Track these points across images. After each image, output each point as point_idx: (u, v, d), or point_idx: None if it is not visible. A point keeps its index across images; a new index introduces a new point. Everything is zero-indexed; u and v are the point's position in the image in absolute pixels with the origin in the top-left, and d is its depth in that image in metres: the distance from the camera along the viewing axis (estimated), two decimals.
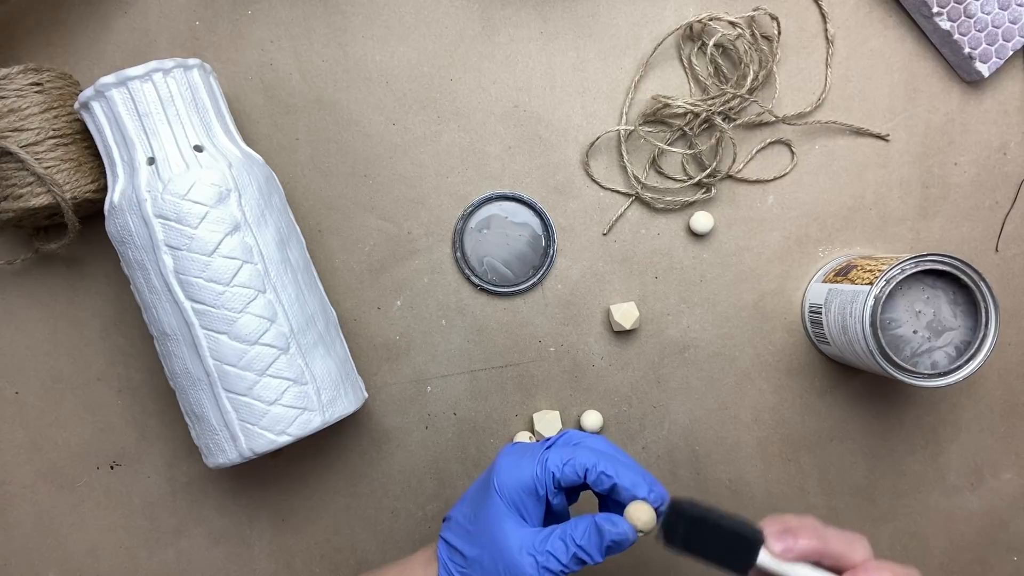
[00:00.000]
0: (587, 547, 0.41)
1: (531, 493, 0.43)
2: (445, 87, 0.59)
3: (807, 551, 0.39)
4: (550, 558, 0.41)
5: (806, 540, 0.39)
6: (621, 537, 0.41)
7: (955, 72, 0.60)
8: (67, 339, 0.59)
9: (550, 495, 0.43)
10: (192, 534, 0.60)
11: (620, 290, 0.60)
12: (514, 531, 0.42)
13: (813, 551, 0.39)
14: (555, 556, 0.41)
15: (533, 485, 0.43)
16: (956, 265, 0.51)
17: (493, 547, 0.42)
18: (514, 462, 0.44)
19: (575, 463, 0.42)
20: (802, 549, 0.39)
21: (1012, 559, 0.62)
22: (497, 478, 0.43)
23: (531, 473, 0.43)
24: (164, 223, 0.48)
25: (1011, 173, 0.60)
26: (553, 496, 0.43)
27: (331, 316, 0.55)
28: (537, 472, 0.43)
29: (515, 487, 0.43)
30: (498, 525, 0.42)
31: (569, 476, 0.42)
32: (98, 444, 0.59)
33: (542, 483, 0.43)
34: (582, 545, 0.41)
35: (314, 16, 0.59)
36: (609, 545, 0.41)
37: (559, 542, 0.41)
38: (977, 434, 0.61)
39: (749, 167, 0.60)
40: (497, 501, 0.43)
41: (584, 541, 0.41)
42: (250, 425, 0.50)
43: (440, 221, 0.60)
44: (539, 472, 0.43)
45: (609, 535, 0.40)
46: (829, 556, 0.39)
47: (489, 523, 0.43)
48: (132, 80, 0.49)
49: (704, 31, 0.59)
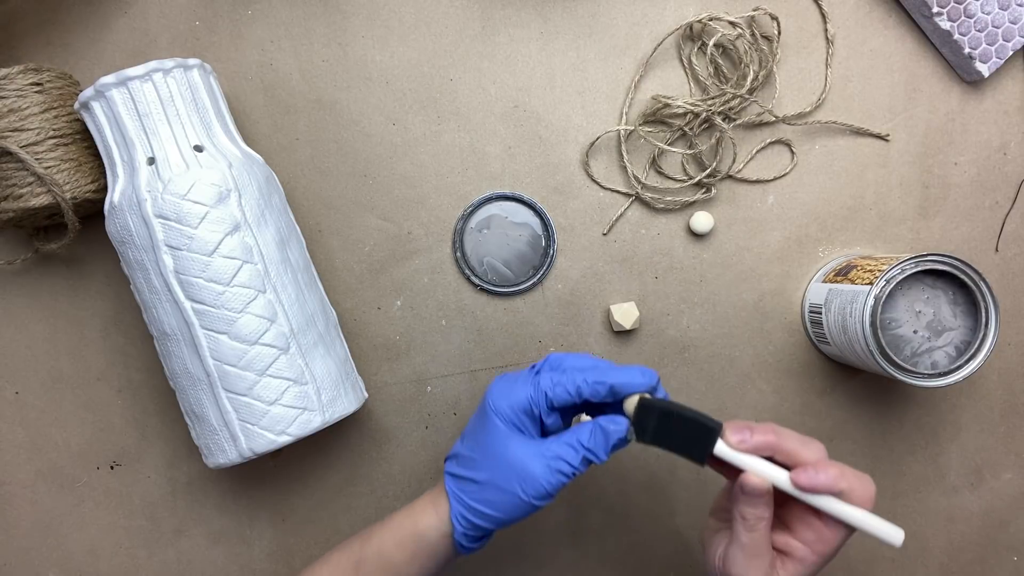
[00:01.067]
0: (594, 448, 0.44)
1: (527, 413, 0.45)
2: (445, 87, 0.59)
3: (761, 445, 0.42)
4: (560, 462, 0.43)
5: (761, 435, 0.42)
6: (623, 434, 0.44)
7: (955, 72, 0.60)
8: (67, 339, 0.59)
9: (544, 415, 0.45)
10: (192, 534, 0.60)
11: (620, 290, 0.60)
12: (520, 445, 0.44)
13: (767, 446, 0.42)
14: (565, 460, 0.43)
15: (528, 405, 0.45)
16: (956, 265, 0.51)
17: (503, 464, 0.44)
18: (507, 387, 0.46)
19: (565, 383, 0.45)
20: (756, 442, 0.42)
21: (1012, 559, 0.62)
22: (493, 402, 0.46)
23: (525, 395, 0.45)
24: (164, 223, 0.48)
25: (1011, 173, 0.60)
26: (547, 416, 0.45)
27: (331, 316, 0.55)
28: (531, 394, 0.45)
29: (511, 408, 0.45)
30: (503, 444, 0.45)
31: (561, 395, 0.44)
32: (98, 444, 0.59)
33: (536, 403, 0.45)
34: (590, 447, 0.44)
35: (314, 16, 0.59)
36: (616, 444, 0.44)
37: (567, 447, 0.44)
38: (977, 434, 0.61)
39: (749, 167, 0.60)
40: (497, 423, 0.45)
41: (591, 443, 0.44)
42: (250, 425, 0.50)
43: (440, 221, 0.60)
44: (532, 393, 0.45)
45: (615, 434, 0.44)
46: (783, 453, 0.42)
47: (494, 445, 0.45)
48: (132, 80, 0.49)
49: (704, 31, 0.59)
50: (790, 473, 0.41)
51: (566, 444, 0.44)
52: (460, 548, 0.47)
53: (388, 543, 0.47)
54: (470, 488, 0.46)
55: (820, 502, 0.41)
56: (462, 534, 0.46)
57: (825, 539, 0.42)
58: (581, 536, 0.61)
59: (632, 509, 0.61)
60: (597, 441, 0.44)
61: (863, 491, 0.41)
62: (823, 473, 0.40)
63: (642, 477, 0.61)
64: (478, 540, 0.47)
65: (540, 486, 0.43)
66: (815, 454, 0.42)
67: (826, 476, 0.40)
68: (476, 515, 0.45)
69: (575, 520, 0.61)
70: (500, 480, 0.44)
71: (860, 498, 0.41)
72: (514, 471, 0.44)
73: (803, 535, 0.42)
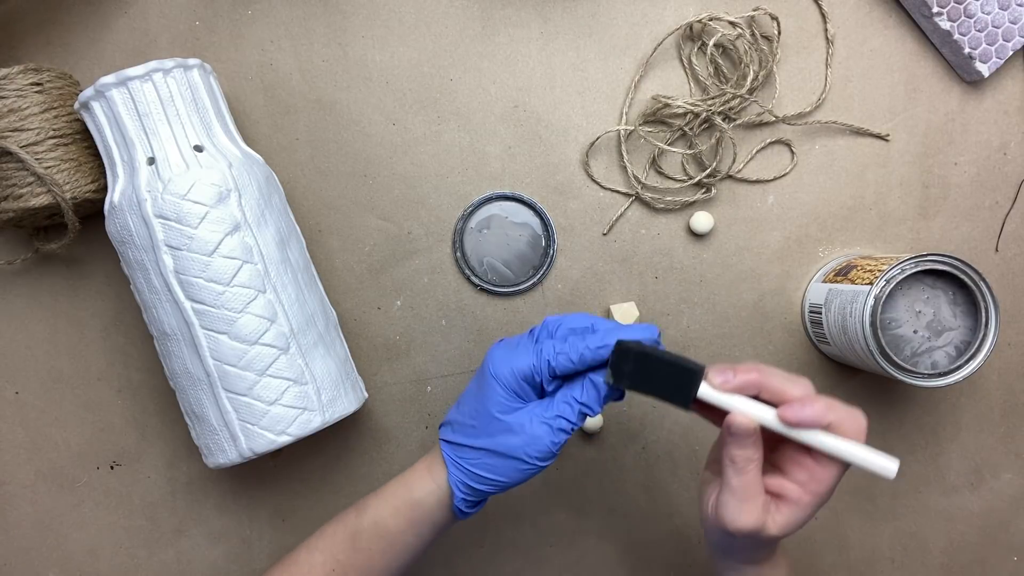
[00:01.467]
0: (588, 401, 0.44)
1: (528, 381, 0.45)
2: (445, 87, 0.59)
3: (746, 383, 0.41)
4: (560, 420, 0.44)
5: (745, 374, 0.41)
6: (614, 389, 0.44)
7: (955, 72, 0.60)
8: (67, 339, 0.59)
9: (546, 383, 0.45)
10: (192, 534, 0.60)
11: (620, 290, 0.60)
12: (522, 411, 0.45)
13: (752, 383, 0.41)
14: (564, 417, 0.44)
15: (531, 374, 0.45)
16: (956, 265, 0.51)
17: (505, 430, 0.45)
18: (507, 354, 0.46)
19: (569, 352, 0.44)
20: (740, 381, 0.41)
21: (1012, 559, 0.62)
22: (494, 369, 0.46)
23: (527, 364, 0.45)
24: (164, 223, 0.48)
25: (1011, 173, 0.60)
26: (548, 384, 0.45)
27: (331, 316, 0.55)
28: (533, 362, 0.45)
29: (513, 375, 0.45)
30: (504, 410, 0.45)
31: (564, 364, 0.44)
32: (98, 444, 0.59)
33: (539, 372, 0.45)
34: (584, 401, 0.44)
35: (314, 16, 0.59)
36: (606, 395, 0.44)
37: (564, 404, 0.44)
38: (977, 434, 0.61)
39: (749, 167, 0.60)
40: (498, 389, 0.45)
41: (585, 397, 0.44)
42: (250, 425, 0.50)
43: (440, 221, 0.60)
44: (535, 362, 0.45)
45: (604, 386, 0.44)
46: (768, 390, 0.41)
47: (495, 411, 0.45)
48: (132, 80, 0.49)
49: (704, 31, 0.59)
50: (777, 410, 0.40)
51: (563, 402, 0.44)
52: (459, 513, 0.47)
53: (384, 512, 0.48)
54: (469, 455, 0.46)
55: (809, 438, 0.40)
56: (461, 500, 0.46)
57: (818, 478, 0.41)
58: (581, 536, 0.61)
59: (632, 509, 0.61)
60: (589, 395, 0.44)
61: (853, 424, 0.40)
62: (810, 407, 0.39)
63: (642, 477, 0.61)
64: (476, 505, 0.47)
65: (545, 447, 0.44)
66: (802, 389, 0.41)
67: (813, 409, 0.39)
68: (477, 480, 0.45)
69: (575, 520, 0.61)
70: (502, 446, 0.44)
71: (850, 431, 0.40)
72: (517, 436, 0.44)
73: (795, 476, 0.41)
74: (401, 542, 0.48)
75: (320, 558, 0.48)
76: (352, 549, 0.48)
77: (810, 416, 0.39)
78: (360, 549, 0.48)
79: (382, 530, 0.48)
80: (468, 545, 0.61)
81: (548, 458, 0.44)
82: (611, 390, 0.44)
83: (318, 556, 0.48)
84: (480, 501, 0.47)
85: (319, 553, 0.49)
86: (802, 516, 0.41)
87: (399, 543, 0.47)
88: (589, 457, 0.61)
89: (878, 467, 0.39)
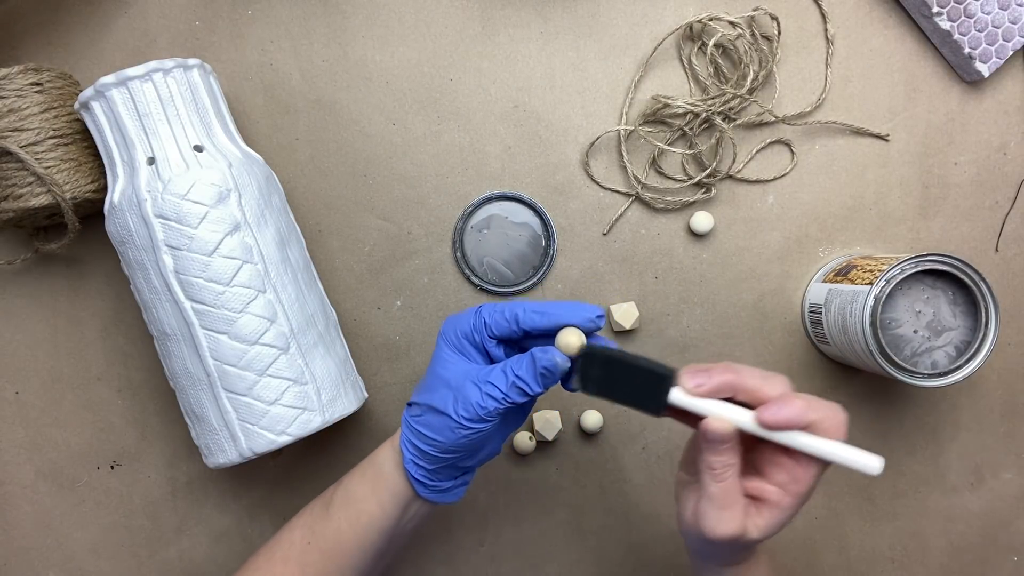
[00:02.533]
0: (523, 375, 0.42)
1: (469, 340, 0.46)
2: (445, 87, 0.59)
3: (720, 386, 0.39)
4: (491, 387, 0.43)
5: (719, 375, 0.39)
6: (550, 363, 0.42)
7: (955, 72, 0.60)
8: (67, 339, 0.59)
9: (487, 344, 0.46)
10: (193, 533, 0.60)
11: (620, 290, 0.60)
12: (458, 366, 0.45)
13: (727, 386, 0.39)
14: (495, 385, 0.43)
15: (471, 331, 0.46)
16: (956, 265, 0.51)
17: (442, 384, 0.45)
18: (456, 317, 0.47)
19: (505, 310, 0.45)
20: (714, 384, 0.39)
21: (1012, 559, 0.62)
22: (442, 330, 0.47)
23: (468, 322, 0.46)
24: (164, 223, 0.48)
25: (1011, 173, 0.60)
26: (489, 344, 0.46)
27: (331, 316, 0.55)
28: (472, 321, 0.46)
29: (456, 334, 0.46)
30: (444, 365, 0.46)
31: (499, 323, 0.45)
32: (98, 444, 0.59)
33: (478, 330, 0.45)
34: (520, 375, 0.42)
35: (314, 16, 0.59)
36: (542, 372, 0.42)
37: (500, 373, 0.43)
38: (977, 434, 0.61)
39: (749, 167, 0.60)
40: (442, 346, 0.46)
41: (521, 371, 0.43)
42: (250, 425, 0.50)
43: (440, 221, 0.60)
44: (474, 320, 0.46)
45: (540, 361, 0.42)
46: (744, 391, 0.39)
47: (437, 367, 0.46)
48: (132, 80, 0.49)
49: (704, 31, 0.59)
50: (754, 412, 0.38)
51: (499, 369, 0.43)
52: (415, 484, 0.46)
53: (354, 478, 0.49)
54: (415, 411, 0.46)
55: (789, 439, 0.38)
56: (410, 462, 0.46)
57: (799, 478, 0.39)
58: (581, 536, 0.61)
59: (632, 509, 0.61)
60: (527, 370, 0.42)
61: (833, 421, 0.38)
62: (787, 407, 0.38)
63: (642, 477, 0.61)
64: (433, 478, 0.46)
65: (470, 407, 0.43)
66: (779, 388, 0.39)
67: (791, 409, 0.37)
68: (419, 438, 0.45)
69: (575, 520, 0.61)
70: (438, 401, 0.44)
71: (831, 429, 0.38)
72: (450, 391, 0.44)
73: (776, 477, 0.40)
74: (366, 512, 0.47)
75: (298, 532, 0.49)
76: (325, 517, 0.48)
77: (789, 417, 0.38)
78: (331, 516, 0.48)
79: (349, 496, 0.48)
80: (468, 545, 0.61)
81: (476, 420, 0.43)
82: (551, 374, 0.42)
83: (297, 532, 0.49)
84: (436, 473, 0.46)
85: (298, 529, 0.49)
86: (783, 518, 0.40)
87: (364, 513, 0.47)
88: (589, 457, 0.61)
89: (862, 465, 0.38)
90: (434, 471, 0.46)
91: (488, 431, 0.44)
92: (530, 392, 0.43)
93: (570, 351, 0.42)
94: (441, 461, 0.46)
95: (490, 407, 0.43)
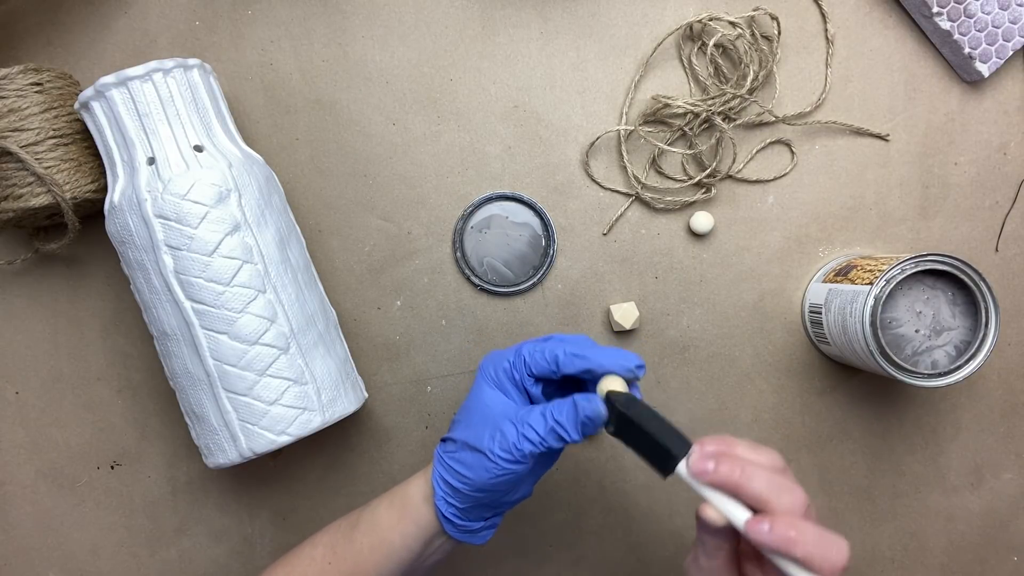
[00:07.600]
0: (563, 422, 0.42)
1: (509, 377, 0.46)
2: (445, 87, 0.59)
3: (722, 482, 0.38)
4: (529, 428, 0.43)
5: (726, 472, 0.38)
6: (594, 412, 0.42)
7: (955, 72, 0.60)
8: (67, 339, 0.59)
9: (526, 383, 0.45)
10: (193, 533, 0.60)
11: (620, 290, 0.60)
12: (497, 404, 0.45)
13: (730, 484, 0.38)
14: (533, 427, 0.43)
15: (511, 369, 0.46)
16: (956, 265, 0.51)
17: (480, 421, 0.45)
18: (497, 354, 0.47)
19: (545, 351, 0.45)
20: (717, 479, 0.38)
21: (1012, 559, 0.62)
22: (481, 366, 0.47)
23: (509, 360, 0.46)
24: (164, 223, 0.48)
25: (1011, 173, 0.60)
26: (528, 383, 0.46)
27: (331, 316, 0.55)
28: (512, 359, 0.46)
29: (495, 372, 0.46)
30: (483, 402, 0.46)
31: (539, 363, 0.45)
32: (98, 444, 0.59)
33: (518, 368, 0.45)
34: (559, 420, 0.42)
35: (314, 16, 0.59)
36: (583, 421, 0.42)
37: (539, 416, 0.43)
38: (977, 434, 0.61)
39: (749, 167, 0.60)
40: (482, 384, 0.46)
41: (561, 416, 0.42)
42: (250, 425, 0.50)
43: (440, 221, 0.60)
44: (512, 358, 0.46)
45: (583, 410, 0.42)
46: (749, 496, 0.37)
47: (475, 403, 0.46)
48: (132, 80, 0.49)
49: (704, 31, 0.59)
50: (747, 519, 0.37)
51: (539, 412, 0.43)
52: (443, 522, 0.46)
53: (382, 504, 0.49)
54: (450, 448, 0.46)
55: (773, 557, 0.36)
56: (442, 499, 0.46)
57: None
58: (581, 536, 0.61)
59: (632, 509, 0.61)
60: (568, 416, 0.42)
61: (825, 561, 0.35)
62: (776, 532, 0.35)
63: (642, 477, 0.61)
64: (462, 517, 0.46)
65: (507, 446, 0.43)
66: (786, 505, 0.37)
67: (777, 537, 0.35)
68: (452, 475, 0.45)
69: (575, 520, 0.61)
70: (474, 438, 0.44)
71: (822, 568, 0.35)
72: (487, 428, 0.44)
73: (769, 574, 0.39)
74: (388, 541, 0.47)
75: (320, 551, 0.49)
76: (348, 539, 0.48)
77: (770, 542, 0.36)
78: (354, 540, 0.48)
79: (375, 523, 0.48)
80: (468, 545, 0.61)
81: (511, 461, 0.43)
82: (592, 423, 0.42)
83: (320, 550, 0.49)
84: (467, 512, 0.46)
85: (321, 547, 0.49)
86: None
87: (386, 542, 0.47)
88: (589, 457, 0.61)
89: None
90: (465, 510, 0.46)
91: (521, 473, 0.44)
92: (567, 439, 0.42)
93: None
94: (473, 500, 0.45)
95: (525, 449, 0.43)
